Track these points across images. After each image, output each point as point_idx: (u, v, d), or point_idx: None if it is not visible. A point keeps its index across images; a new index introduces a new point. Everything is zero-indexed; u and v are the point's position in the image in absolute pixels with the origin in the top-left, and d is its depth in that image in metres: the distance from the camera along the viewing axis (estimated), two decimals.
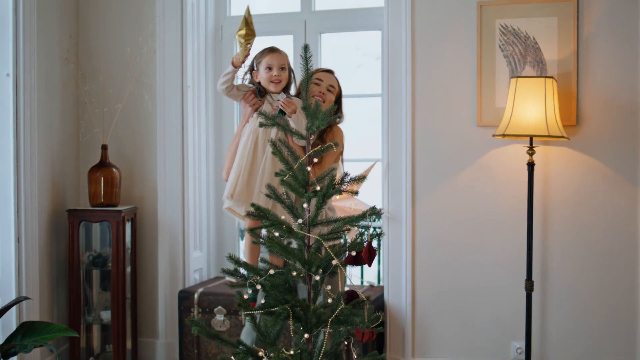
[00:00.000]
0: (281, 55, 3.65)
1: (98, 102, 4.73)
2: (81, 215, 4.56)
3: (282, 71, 3.62)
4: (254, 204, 2.96)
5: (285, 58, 3.66)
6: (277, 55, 3.64)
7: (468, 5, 4.35)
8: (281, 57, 3.65)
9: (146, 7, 4.82)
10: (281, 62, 3.62)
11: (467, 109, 4.37)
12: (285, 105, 3.52)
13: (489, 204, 4.35)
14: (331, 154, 3.61)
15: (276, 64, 3.62)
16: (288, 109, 3.52)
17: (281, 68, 3.62)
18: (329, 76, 3.77)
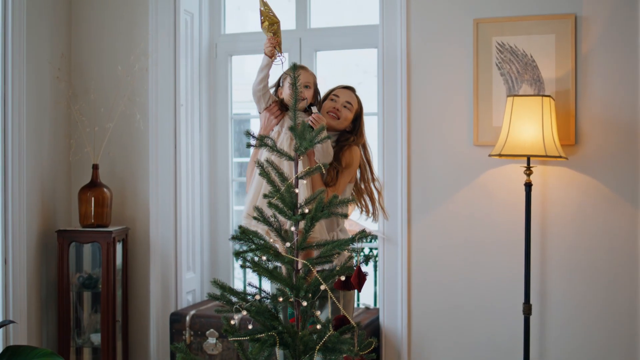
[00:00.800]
0: (306, 73, 3.58)
1: (89, 121, 4.66)
2: (71, 236, 4.48)
3: (305, 89, 3.54)
4: (241, 226, 2.88)
5: (310, 77, 3.59)
6: (302, 73, 3.53)
7: (464, 22, 4.28)
8: (306, 74, 3.56)
9: (139, 25, 4.77)
10: (305, 79, 3.54)
11: (464, 128, 4.29)
12: (315, 121, 3.41)
13: (486, 224, 4.26)
14: (345, 174, 3.56)
15: (342, 98, 3.63)
16: (317, 125, 3.37)
17: (305, 86, 3.54)
18: (348, 93, 3.67)
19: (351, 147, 3.61)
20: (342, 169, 3.57)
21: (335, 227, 3.55)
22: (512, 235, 4.19)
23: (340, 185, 3.57)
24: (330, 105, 3.64)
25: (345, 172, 3.58)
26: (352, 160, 3.60)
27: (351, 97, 3.66)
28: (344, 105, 3.63)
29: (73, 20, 4.83)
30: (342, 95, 3.66)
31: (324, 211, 2.84)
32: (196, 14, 5.03)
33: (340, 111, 3.62)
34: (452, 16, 4.31)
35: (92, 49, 4.82)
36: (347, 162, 3.58)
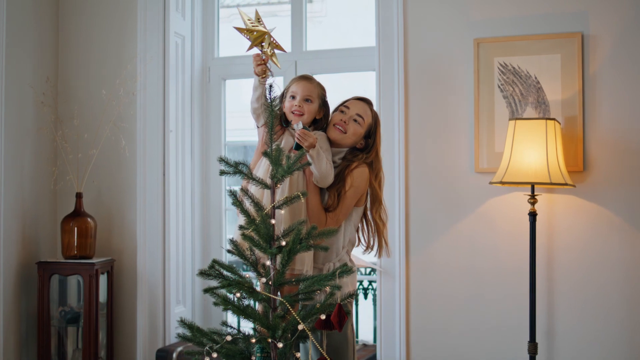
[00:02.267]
0: (310, 85, 3.14)
1: (72, 148, 4.46)
2: (52, 268, 4.27)
3: (306, 103, 3.10)
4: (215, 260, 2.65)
5: (314, 89, 3.14)
6: (303, 84, 3.14)
7: (464, 42, 4.05)
8: (309, 87, 3.13)
9: (127, 47, 4.59)
10: (307, 92, 3.11)
11: (464, 154, 4.04)
12: (301, 138, 2.96)
13: (489, 257, 4.00)
14: (349, 198, 3.11)
15: (300, 93, 3.12)
16: (305, 142, 2.95)
17: (306, 99, 3.10)
18: (360, 105, 3.21)
19: (359, 166, 3.15)
20: (345, 191, 3.10)
21: (333, 257, 3.14)
22: (516, 268, 3.92)
23: (342, 211, 3.12)
24: (338, 117, 3.18)
25: (349, 196, 3.10)
26: (359, 182, 3.13)
27: (364, 110, 3.19)
28: (353, 119, 3.16)
29: (60, 43, 4.66)
30: (353, 107, 3.20)
31: (302, 243, 2.60)
32: (188, 36, 4.84)
33: (348, 124, 3.16)
34: (451, 36, 4.08)
35: (79, 72, 4.64)
36: (351, 183, 3.11)
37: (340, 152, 3.21)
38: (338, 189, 3.12)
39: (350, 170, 3.13)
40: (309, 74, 3.26)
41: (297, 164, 2.68)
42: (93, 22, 4.65)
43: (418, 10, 4.14)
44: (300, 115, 3.11)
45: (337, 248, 3.15)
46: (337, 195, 3.11)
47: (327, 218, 3.08)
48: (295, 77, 3.22)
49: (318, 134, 3.16)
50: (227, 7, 5.21)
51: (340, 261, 3.16)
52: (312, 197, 3.06)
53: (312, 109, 3.14)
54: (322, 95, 3.19)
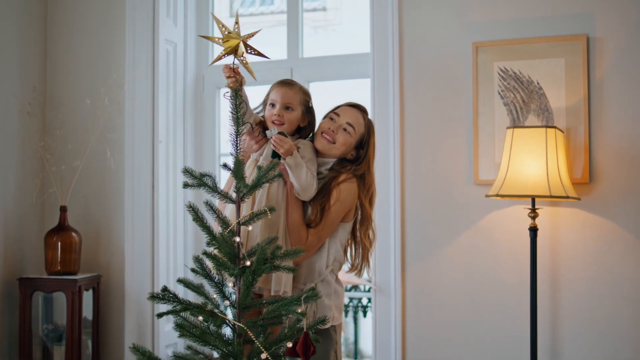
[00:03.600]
0: (290, 91, 2.90)
1: (56, 159, 4.30)
2: (34, 284, 4.10)
3: (287, 111, 2.87)
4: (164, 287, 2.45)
5: (294, 96, 2.90)
6: (283, 90, 2.90)
7: (462, 46, 3.83)
8: (289, 93, 2.89)
9: (115, 55, 4.42)
10: (287, 99, 2.88)
11: (463, 165, 3.81)
12: (277, 144, 2.74)
13: (489, 274, 3.75)
14: (333, 213, 2.83)
15: (280, 100, 2.88)
16: (280, 149, 2.74)
17: (286, 107, 2.87)
18: (352, 112, 2.94)
19: (347, 180, 2.88)
20: (329, 206, 2.84)
21: (315, 277, 2.89)
22: (517, 285, 3.67)
23: (325, 227, 2.84)
24: (327, 125, 2.92)
25: (333, 211, 2.84)
26: (345, 197, 2.86)
27: (355, 118, 2.92)
28: (343, 128, 2.89)
29: (48, 51, 4.51)
30: (343, 114, 2.93)
31: (267, 264, 2.40)
32: (180, 43, 4.66)
33: (337, 134, 2.89)
34: (448, 41, 3.86)
35: (65, 81, 4.48)
36: (337, 197, 2.85)
37: (327, 162, 2.96)
38: (322, 203, 2.86)
39: (337, 183, 2.87)
40: (290, 79, 3.02)
41: (269, 174, 2.49)
42: (81, 29, 4.50)
43: (413, 14, 3.93)
44: (280, 125, 2.89)
45: (320, 267, 2.90)
46: (321, 209, 2.86)
47: (308, 234, 2.84)
48: (275, 83, 2.97)
49: (302, 142, 2.94)
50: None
51: (324, 282, 2.91)
52: (292, 211, 2.83)
53: (293, 117, 2.90)
54: (304, 101, 2.95)
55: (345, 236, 2.96)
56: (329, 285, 2.91)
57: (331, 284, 2.92)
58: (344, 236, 2.96)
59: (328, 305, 2.88)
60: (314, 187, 2.83)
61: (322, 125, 2.95)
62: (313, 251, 2.87)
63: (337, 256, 2.95)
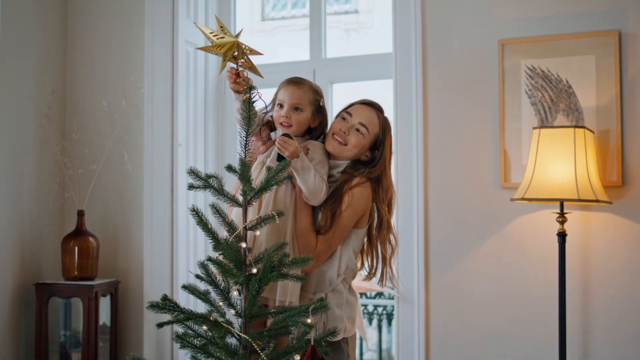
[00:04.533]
0: (298, 90, 2.74)
1: (72, 163, 4.23)
2: (50, 290, 4.03)
3: (295, 112, 2.72)
4: (165, 296, 2.35)
5: (303, 95, 2.74)
6: (291, 90, 2.74)
7: (488, 44, 3.67)
8: (297, 93, 2.73)
9: (133, 57, 4.34)
10: (295, 99, 2.71)
11: (489, 168, 3.66)
12: (281, 145, 2.58)
13: (516, 281, 3.59)
14: (344, 219, 2.67)
15: (288, 101, 2.72)
16: (285, 151, 2.58)
17: (295, 108, 2.72)
18: (366, 111, 2.77)
19: (361, 184, 2.70)
20: (340, 211, 2.67)
21: (326, 286, 2.74)
22: (546, 295, 3.51)
23: (336, 234, 2.68)
24: (338, 126, 2.75)
25: (345, 217, 2.67)
26: (358, 202, 2.69)
27: (369, 117, 2.75)
28: (355, 128, 2.72)
29: (68, 53, 4.45)
30: (356, 114, 2.75)
31: (274, 272, 2.28)
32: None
33: (349, 135, 2.72)
34: (473, 38, 3.71)
35: (85, 84, 4.42)
36: (349, 203, 2.68)
37: (340, 165, 2.79)
38: (333, 208, 2.69)
39: (349, 187, 2.70)
40: (299, 77, 2.84)
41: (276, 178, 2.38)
42: (100, 32, 4.43)
43: (437, 12, 3.78)
44: (288, 127, 2.75)
45: (331, 276, 2.74)
46: (331, 215, 2.69)
47: (317, 241, 2.68)
48: (283, 81, 2.82)
49: (312, 144, 2.79)
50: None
51: (335, 291, 2.74)
52: (300, 216, 2.69)
53: (301, 118, 2.74)
54: (315, 101, 2.78)
55: (358, 243, 2.80)
56: (340, 295, 2.75)
57: (343, 294, 2.75)
58: (357, 243, 2.79)
59: (339, 316, 2.73)
60: (324, 191, 2.68)
61: (333, 125, 2.79)
62: (323, 259, 2.72)
63: (350, 264, 2.78)
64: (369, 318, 4.91)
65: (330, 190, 2.74)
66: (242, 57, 2.57)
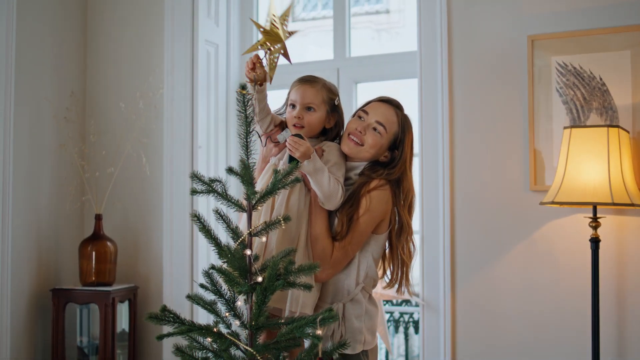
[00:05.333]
0: (311, 89, 2.59)
1: (90, 166, 4.15)
2: (67, 295, 3.95)
3: (308, 112, 2.58)
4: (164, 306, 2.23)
5: (316, 94, 2.59)
6: (303, 89, 2.60)
7: (516, 40, 3.50)
8: (310, 92, 2.59)
9: (152, 57, 4.25)
10: (308, 99, 2.57)
11: (518, 170, 3.48)
12: (292, 147, 2.45)
13: (547, 289, 3.40)
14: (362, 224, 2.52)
15: (300, 100, 2.59)
16: (296, 152, 2.44)
17: (308, 107, 2.58)
18: (383, 109, 2.62)
19: (379, 187, 2.55)
20: (357, 216, 2.52)
21: (344, 295, 2.58)
22: (577, 302, 3.32)
23: (353, 241, 2.52)
24: (354, 125, 2.60)
25: (362, 222, 2.52)
26: (376, 206, 2.54)
27: (386, 115, 2.60)
28: (372, 127, 2.58)
29: (88, 54, 4.37)
30: (373, 112, 2.61)
31: (280, 280, 2.14)
32: (222, 44, 4.46)
33: (366, 134, 2.58)
34: (501, 35, 3.54)
35: (104, 86, 4.34)
36: (367, 207, 2.52)
37: (357, 166, 2.65)
38: (350, 213, 2.54)
39: (367, 191, 2.54)
40: (312, 75, 2.69)
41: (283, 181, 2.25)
42: (119, 33, 4.35)
43: (463, 7, 3.62)
44: (301, 127, 2.61)
45: (349, 285, 2.59)
46: (348, 220, 2.53)
47: (333, 248, 2.53)
48: (296, 80, 2.68)
49: (327, 145, 2.65)
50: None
51: (354, 301, 2.58)
52: (315, 222, 2.54)
53: (314, 118, 2.60)
54: (329, 100, 2.63)
55: (378, 250, 2.64)
56: (359, 306, 2.59)
57: (362, 304, 2.59)
58: (376, 250, 2.63)
59: (358, 327, 2.57)
60: (339, 194, 2.52)
61: (349, 125, 2.64)
62: (340, 267, 2.56)
63: (370, 272, 2.62)
64: (396, 326, 4.76)
65: (347, 194, 2.59)
66: (275, 53, 2.45)
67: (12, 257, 3.79)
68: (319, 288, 2.57)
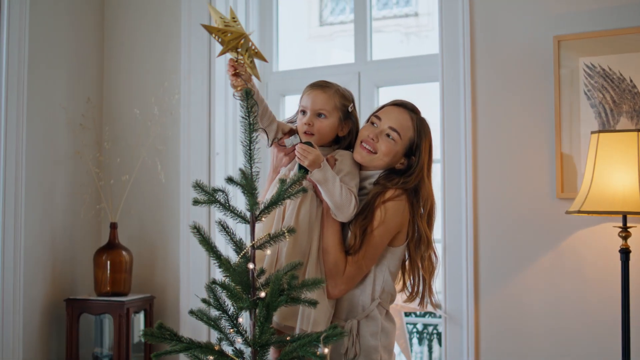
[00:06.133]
0: (322, 94, 2.48)
1: (105, 173, 4.07)
2: (81, 306, 3.88)
3: (319, 119, 2.47)
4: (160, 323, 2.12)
5: (328, 100, 2.47)
6: (314, 94, 2.49)
7: (542, 41, 3.34)
8: (321, 97, 2.47)
9: (169, 63, 4.17)
10: (318, 105, 2.46)
11: (544, 177, 3.32)
12: (300, 154, 2.34)
13: (574, 302, 3.24)
14: (376, 237, 2.37)
15: (310, 107, 2.48)
16: (305, 161, 2.33)
17: (318, 114, 2.47)
18: (397, 113, 2.48)
19: (395, 197, 2.40)
20: (372, 229, 2.38)
21: (359, 312, 2.45)
22: (607, 316, 3.15)
23: (367, 255, 2.38)
24: (366, 132, 2.47)
25: (377, 235, 2.38)
26: (392, 218, 2.40)
27: (400, 119, 2.46)
28: (385, 133, 2.44)
29: (105, 60, 4.30)
30: (385, 116, 2.47)
31: (282, 296, 2.02)
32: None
33: (379, 142, 2.44)
34: (526, 35, 3.39)
35: (121, 91, 4.27)
36: (382, 219, 2.38)
37: (372, 175, 2.51)
38: (363, 225, 2.39)
39: (382, 201, 2.40)
40: (325, 81, 2.57)
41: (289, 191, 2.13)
42: (136, 38, 4.29)
43: (486, 7, 3.48)
44: (311, 135, 2.48)
45: (364, 301, 2.45)
46: (362, 233, 2.39)
47: (346, 263, 2.39)
48: (307, 86, 2.56)
49: (340, 153, 2.52)
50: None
51: (369, 318, 2.44)
52: (327, 235, 2.41)
53: (325, 126, 2.48)
54: (342, 106, 2.51)
55: (395, 263, 2.49)
56: (374, 323, 2.45)
57: (378, 321, 2.45)
58: (393, 263, 2.49)
59: (373, 345, 2.44)
60: (352, 205, 2.38)
61: (361, 132, 2.51)
62: (353, 283, 2.42)
63: (386, 287, 2.48)
64: (419, 337, 4.61)
65: (361, 205, 2.45)
66: (245, 53, 2.35)
67: (25, 266, 3.72)
68: (333, 304, 2.44)
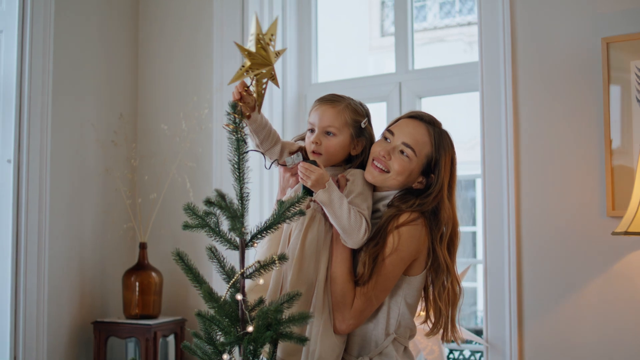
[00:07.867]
0: (331, 110, 2.26)
1: (133, 192, 3.95)
2: (108, 329, 3.75)
3: (326, 137, 2.25)
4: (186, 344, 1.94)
5: (337, 116, 2.25)
6: (322, 110, 2.27)
7: (589, 44, 3.05)
8: (329, 113, 2.25)
9: (200, 77, 4.03)
10: (326, 122, 2.25)
11: (594, 194, 3.02)
12: (303, 174, 2.13)
13: (627, 330, 2.93)
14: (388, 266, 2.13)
15: (318, 124, 2.27)
16: (308, 180, 2.12)
17: (327, 132, 2.25)
18: (410, 126, 2.24)
19: (411, 222, 2.16)
20: (383, 257, 2.14)
21: (371, 348, 2.21)
22: None
23: (378, 286, 2.13)
24: (378, 149, 2.24)
25: (389, 264, 2.13)
26: (406, 245, 2.15)
27: (414, 134, 2.22)
28: (399, 150, 2.21)
29: (140, 76, 4.20)
30: (399, 131, 2.23)
31: (269, 331, 1.81)
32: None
33: (391, 159, 2.21)
34: (572, 38, 3.10)
35: (152, 108, 4.15)
36: (395, 246, 2.14)
37: (387, 196, 2.26)
38: (374, 253, 2.14)
39: (396, 226, 2.15)
40: (336, 94, 2.34)
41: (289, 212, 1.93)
42: (171, 54, 4.16)
43: (528, 10, 3.21)
44: (318, 155, 2.26)
45: (377, 336, 2.20)
46: (372, 261, 2.14)
47: (355, 294, 2.14)
48: (316, 101, 2.34)
49: (352, 173, 2.29)
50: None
51: (383, 355, 2.19)
52: (336, 263, 2.17)
53: (333, 144, 2.25)
54: (354, 122, 2.27)
55: (412, 294, 2.22)
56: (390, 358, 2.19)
57: (392, 359, 2.19)
58: (410, 294, 2.22)
59: None
60: (362, 229, 2.13)
61: (373, 148, 2.26)
62: (363, 318, 2.17)
63: (403, 321, 2.22)
64: None
65: (373, 229, 2.20)
66: (262, 79, 2.11)
67: (50, 287, 3.61)
68: (342, 340, 2.19)
